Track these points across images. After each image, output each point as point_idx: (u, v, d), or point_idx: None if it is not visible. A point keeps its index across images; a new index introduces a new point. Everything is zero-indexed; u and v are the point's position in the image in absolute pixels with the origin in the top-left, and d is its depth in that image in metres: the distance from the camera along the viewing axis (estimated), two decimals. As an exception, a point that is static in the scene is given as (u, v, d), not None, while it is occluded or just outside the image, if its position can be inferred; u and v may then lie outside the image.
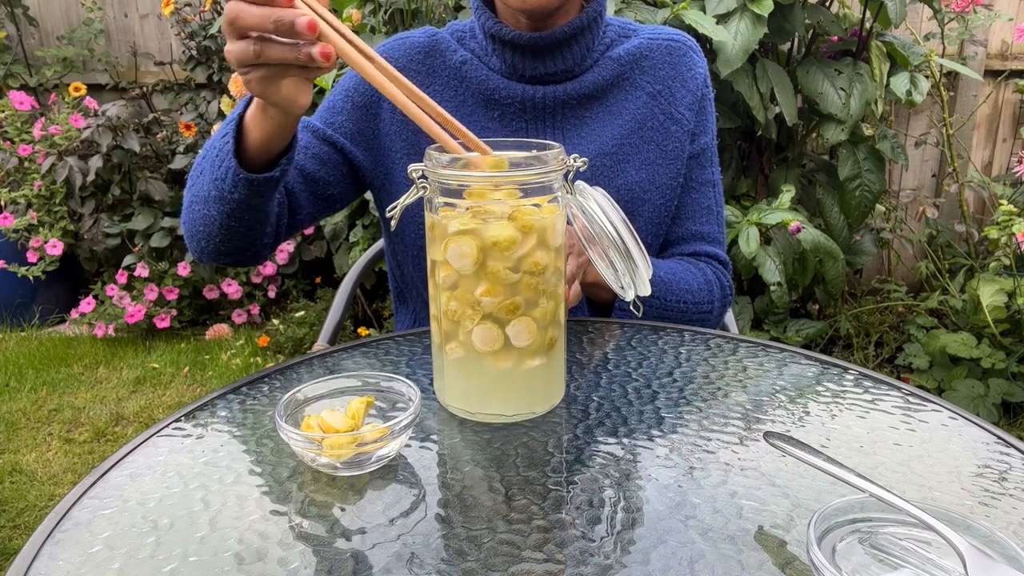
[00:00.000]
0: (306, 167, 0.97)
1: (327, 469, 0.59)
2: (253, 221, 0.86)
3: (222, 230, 0.86)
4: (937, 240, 2.79)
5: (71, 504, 0.56)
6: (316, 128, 0.99)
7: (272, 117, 0.76)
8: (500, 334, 0.64)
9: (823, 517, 0.48)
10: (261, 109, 0.76)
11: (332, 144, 0.99)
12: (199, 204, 0.86)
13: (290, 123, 0.77)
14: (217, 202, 0.83)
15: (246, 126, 0.79)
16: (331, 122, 1.00)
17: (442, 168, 0.63)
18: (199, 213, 0.87)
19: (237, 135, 0.79)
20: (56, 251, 2.96)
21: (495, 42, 0.97)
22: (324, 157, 0.98)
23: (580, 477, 0.59)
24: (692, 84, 1.01)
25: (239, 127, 0.80)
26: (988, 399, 2.18)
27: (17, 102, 3.14)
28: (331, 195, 1.00)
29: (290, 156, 0.81)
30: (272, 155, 0.81)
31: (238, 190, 0.80)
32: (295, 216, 0.97)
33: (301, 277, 3.16)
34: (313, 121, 1.00)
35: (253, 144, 0.79)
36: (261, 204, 0.84)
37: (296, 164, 0.96)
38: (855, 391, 0.73)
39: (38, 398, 2.51)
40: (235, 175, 0.79)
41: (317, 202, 0.99)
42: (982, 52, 2.85)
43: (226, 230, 0.86)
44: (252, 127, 0.78)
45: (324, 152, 0.98)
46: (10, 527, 1.87)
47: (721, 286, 1.04)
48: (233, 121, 0.79)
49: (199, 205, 0.86)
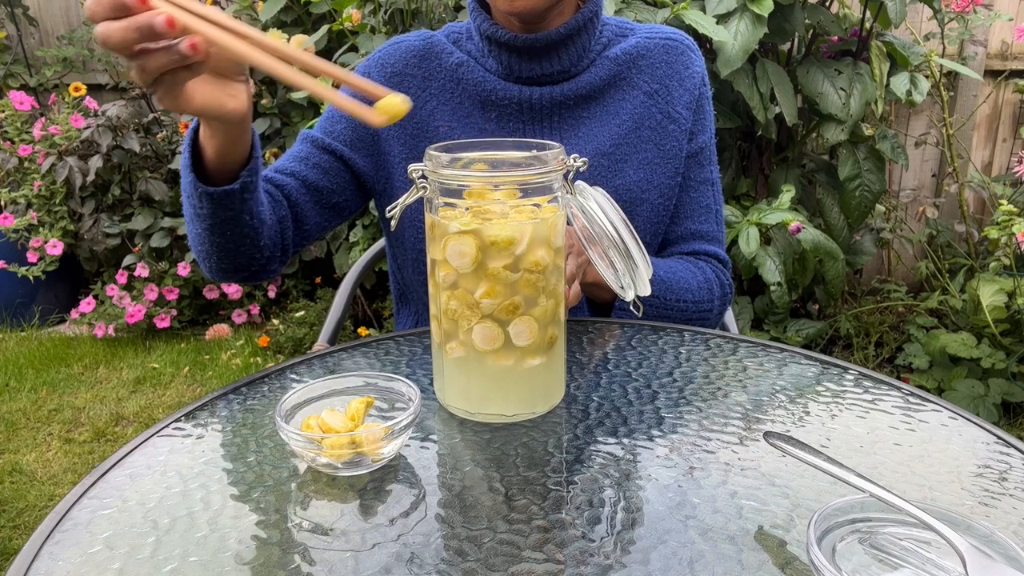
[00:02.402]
0: (308, 177, 0.97)
1: (327, 469, 0.59)
2: (238, 236, 0.85)
3: (214, 247, 0.86)
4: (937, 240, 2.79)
5: (71, 504, 0.56)
6: (316, 138, 1.00)
7: (216, 128, 0.75)
8: (500, 333, 0.64)
9: (823, 517, 0.48)
10: (205, 122, 0.75)
11: (332, 152, 0.99)
12: (189, 223, 0.87)
13: (237, 132, 0.76)
14: (196, 219, 0.84)
15: (201, 142, 0.79)
16: (330, 131, 1.00)
17: (442, 168, 0.63)
18: (192, 232, 0.88)
19: (194, 150, 0.79)
20: (56, 251, 2.96)
21: (491, 44, 0.97)
22: (325, 166, 0.98)
23: (580, 477, 0.59)
24: (690, 83, 1.01)
25: (195, 143, 0.79)
26: (988, 399, 2.18)
27: (17, 102, 3.14)
28: (336, 203, 1.00)
29: (250, 167, 0.80)
30: (233, 166, 0.80)
31: (204, 205, 0.80)
32: (302, 227, 0.97)
33: (301, 277, 3.16)
34: (313, 132, 1.01)
35: (209, 158, 0.79)
36: (235, 217, 0.83)
37: (298, 175, 0.97)
38: (855, 391, 0.73)
39: (38, 398, 2.51)
40: (196, 189, 0.79)
41: (323, 211, 0.99)
42: (982, 52, 2.85)
43: (217, 247, 0.86)
44: (204, 142, 0.78)
45: (325, 161, 0.98)
46: (10, 527, 1.87)
47: (721, 285, 1.04)
48: (190, 134, 0.79)
49: (189, 224, 0.87)
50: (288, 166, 0.98)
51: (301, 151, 1.00)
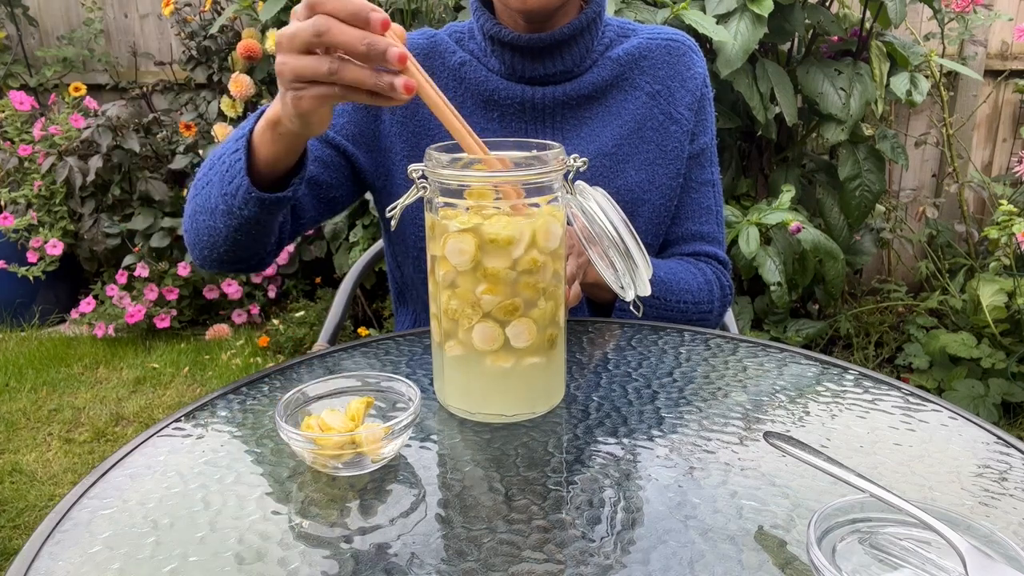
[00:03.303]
0: (309, 171, 0.97)
1: (327, 469, 0.59)
2: (260, 234, 0.86)
3: (227, 242, 0.86)
4: (937, 240, 2.78)
5: (71, 504, 0.56)
6: None
7: (283, 136, 0.75)
8: (500, 333, 0.64)
9: (823, 517, 0.48)
10: (271, 127, 0.75)
11: (334, 147, 0.99)
12: (205, 215, 0.86)
13: (300, 143, 0.77)
14: (225, 216, 0.83)
15: (254, 143, 0.78)
16: (332, 124, 1.00)
17: (442, 168, 0.63)
18: (204, 224, 0.86)
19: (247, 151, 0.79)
20: (56, 251, 2.96)
21: (494, 43, 0.97)
22: (327, 160, 0.98)
23: (580, 477, 0.59)
24: (691, 84, 1.01)
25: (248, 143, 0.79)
26: (988, 399, 2.18)
27: (17, 102, 3.14)
28: (334, 197, 1.00)
29: (302, 176, 0.81)
30: (280, 172, 0.80)
31: (248, 207, 0.80)
32: (298, 220, 0.97)
33: (301, 277, 3.16)
34: None
35: (262, 162, 0.78)
36: (270, 220, 0.84)
37: None
38: (855, 391, 0.73)
39: (38, 398, 2.51)
40: (246, 193, 0.79)
41: (320, 205, 0.99)
42: (982, 52, 2.85)
43: (232, 242, 0.86)
44: (260, 145, 0.77)
45: (326, 155, 0.98)
46: (10, 527, 1.87)
47: (721, 286, 1.04)
48: (244, 137, 0.78)
49: (204, 216, 0.86)
50: None
51: None
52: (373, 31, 0.60)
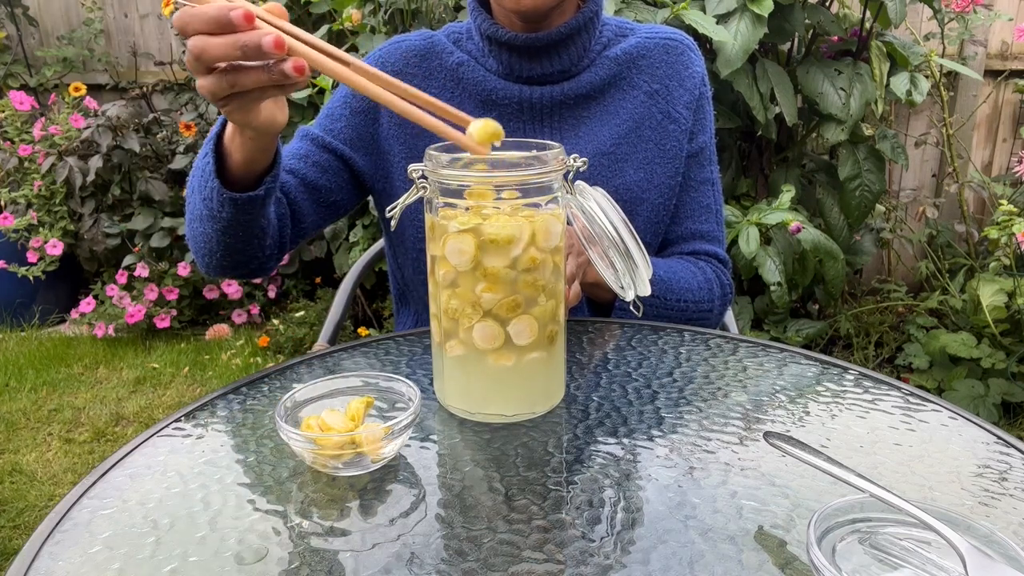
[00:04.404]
0: (307, 176, 0.97)
1: (327, 469, 0.59)
2: (248, 236, 0.86)
3: (220, 246, 0.86)
4: (937, 240, 2.78)
5: (71, 504, 0.56)
6: (316, 136, 0.99)
7: (250, 139, 0.75)
8: (501, 332, 0.64)
9: (823, 517, 0.48)
10: (238, 131, 0.75)
11: (332, 151, 0.99)
12: (196, 222, 0.87)
13: (268, 142, 0.76)
14: (209, 220, 0.83)
15: (226, 147, 0.78)
16: (330, 129, 1.00)
17: (442, 168, 0.63)
18: (198, 231, 0.87)
19: (217, 155, 0.79)
20: (56, 251, 2.96)
21: (491, 43, 0.97)
22: (325, 165, 0.98)
23: (580, 477, 0.59)
24: (690, 83, 1.01)
25: (219, 147, 0.79)
26: (988, 399, 2.18)
27: (17, 102, 3.14)
28: (334, 202, 1.00)
29: (274, 174, 0.81)
30: (257, 171, 0.80)
31: (225, 209, 0.80)
32: (299, 225, 0.97)
33: (301, 277, 3.16)
34: (313, 129, 1.01)
35: (235, 165, 0.78)
36: (251, 220, 0.84)
37: (298, 173, 0.97)
38: (855, 391, 0.73)
39: (38, 398, 2.51)
40: (220, 195, 0.79)
41: (320, 210, 0.99)
42: (982, 52, 2.85)
43: (224, 246, 0.86)
44: (232, 149, 0.78)
45: (324, 160, 0.98)
46: (10, 527, 1.87)
47: (721, 285, 1.04)
48: (211, 140, 0.79)
49: (196, 223, 0.87)
50: (288, 164, 0.97)
51: (300, 148, 0.99)
52: (241, 30, 0.59)
